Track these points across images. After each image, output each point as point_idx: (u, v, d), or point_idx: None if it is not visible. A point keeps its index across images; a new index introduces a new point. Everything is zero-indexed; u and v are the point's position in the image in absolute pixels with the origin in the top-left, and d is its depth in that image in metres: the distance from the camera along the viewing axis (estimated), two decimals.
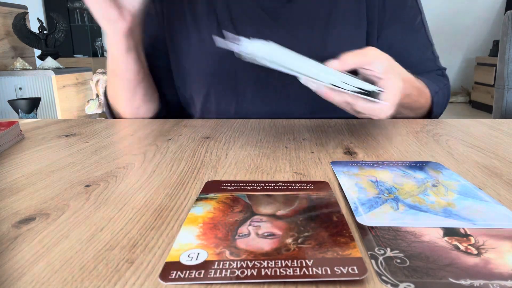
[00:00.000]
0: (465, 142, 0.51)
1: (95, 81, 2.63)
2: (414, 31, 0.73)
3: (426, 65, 0.75)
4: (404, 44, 0.72)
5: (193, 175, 0.39)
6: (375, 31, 0.71)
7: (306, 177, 0.38)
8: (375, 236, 0.26)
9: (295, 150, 0.47)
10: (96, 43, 4.27)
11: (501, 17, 4.81)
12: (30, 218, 0.29)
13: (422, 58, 0.74)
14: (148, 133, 0.57)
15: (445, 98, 0.73)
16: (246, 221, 0.28)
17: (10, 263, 0.24)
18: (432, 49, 0.75)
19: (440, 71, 0.76)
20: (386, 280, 0.21)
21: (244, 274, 0.22)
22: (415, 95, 0.63)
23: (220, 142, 0.51)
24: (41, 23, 2.64)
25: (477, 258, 0.23)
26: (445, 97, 0.73)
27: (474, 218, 0.29)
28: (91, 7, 0.56)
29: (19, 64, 2.46)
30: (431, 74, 0.74)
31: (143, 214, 0.30)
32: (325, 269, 0.22)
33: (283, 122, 0.63)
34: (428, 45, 0.75)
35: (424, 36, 0.74)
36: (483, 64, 4.52)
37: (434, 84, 0.70)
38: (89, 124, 0.65)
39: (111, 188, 0.35)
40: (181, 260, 0.23)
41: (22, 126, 0.62)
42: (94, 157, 0.45)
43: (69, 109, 2.57)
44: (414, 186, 0.35)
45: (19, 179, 0.38)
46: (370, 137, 0.54)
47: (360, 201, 0.32)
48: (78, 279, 0.22)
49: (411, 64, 0.72)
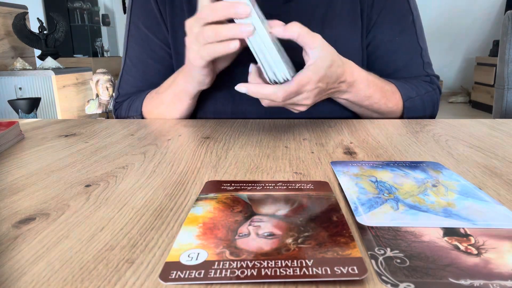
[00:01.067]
0: (465, 142, 0.51)
1: (95, 81, 2.63)
2: (403, 33, 0.71)
3: (412, 70, 0.72)
4: (391, 46, 0.71)
5: (193, 175, 0.39)
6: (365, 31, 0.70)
7: (306, 177, 0.38)
8: (375, 236, 0.26)
9: (295, 150, 0.47)
10: (96, 43, 4.27)
11: (501, 17, 4.81)
12: (30, 218, 0.29)
13: (409, 62, 0.72)
14: (148, 133, 0.57)
15: (426, 105, 0.70)
16: (246, 221, 0.28)
17: (10, 263, 0.24)
18: (422, 53, 0.73)
19: (428, 77, 0.73)
20: (386, 280, 0.21)
21: (244, 274, 0.22)
22: (378, 98, 0.63)
23: (220, 142, 0.51)
24: (41, 23, 2.64)
25: (477, 258, 0.23)
26: (426, 104, 0.70)
27: (474, 218, 0.29)
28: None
29: (19, 64, 2.46)
30: (417, 79, 0.72)
31: (143, 214, 0.30)
32: (325, 269, 0.22)
33: (283, 122, 0.63)
34: (417, 49, 0.72)
35: (413, 39, 0.72)
36: (483, 64, 4.52)
37: (411, 90, 0.68)
38: (89, 124, 0.65)
39: (111, 188, 0.35)
40: (181, 260, 0.23)
41: (22, 126, 0.62)
42: (94, 157, 0.45)
43: (69, 109, 2.57)
44: (414, 186, 0.35)
45: (19, 179, 0.38)
46: (370, 137, 0.54)
47: (360, 201, 0.32)
48: (78, 279, 0.22)
49: (397, 67, 0.72)
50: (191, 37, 0.52)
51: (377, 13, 0.70)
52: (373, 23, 0.70)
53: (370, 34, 0.71)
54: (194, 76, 0.59)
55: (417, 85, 0.70)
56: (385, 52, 0.72)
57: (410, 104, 0.68)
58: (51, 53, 2.67)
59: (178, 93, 0.65)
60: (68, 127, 0.63)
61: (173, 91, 0.65)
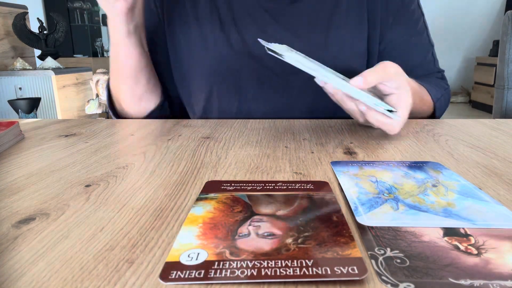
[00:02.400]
0: (465, 142, 0.51)
1: (95, 81, 2.63)
2: (417, 34, 0.74)
3: (426, 67, 0.75)
4: (407, 47, 0.73)
5: (193, 175, 0.39)
6: (377, 34, 0.71)
7: (306, 177, 0.38)
8: (375, 236, 0.26)
9: (295, 150, 0.47)
10: (96, 43, 4.27)
11: (501, 17, 4.81)
12: (30, 218, 0.29)
13: (424, 60, 0.75)
14: (148, 133, 0.57)
15: (446, 103, 0.74)
16: (246, 221, 0.28)
17: (10, 263, 0.24)
18: (433, 51, 0.76)
19: (439, 73, 0.76)
20: (386, 280, 0.21)
21: (244, 274, 0.22)
22: (418, 104, 0.64)
23: (220, 142, 0.51)
24: (41, 23, 2.64)
25: (477, 258, 0.23)
26: (447, 102, 0.74)
27: (474, 218, 0.29)
28: None
29: (19, 64, 2.46)
30: (431, 77, 0.75)
31: (143, 214, 0.30)
32: (325, 269, 0.22)
33: (283, 122, 0.63)
34: (429, 47, 0.75)
35: (426, 39, 0.75)
36: (483, 64, 4.52)
37: (436, 90, 0.70)
38: (89, 124, 0.65)
39: (111, 188, 0.35)
40: (181, 260, 0.23)
41: (22, 126, 0.62)
42: (94, 157, 0.45)
43: (69, 109, 2.57)
44: (414, 186, 0.35)
45: (19, 179, 0.38)
46: (370, 137, 0.54)
47: (360, 201, 0.32)
48: (78, 279, 0.22)
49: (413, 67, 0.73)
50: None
51: (393, 15, 0.71)
52: (389, 25, 0.71)
53: (386, 37, 0.72)
54: (118, 26, 0.61)
55: (437, 84, 0.73)
56: (402, 52, 0.73)
57: (439, 105, 0.71)
58: (51, 53, 2.67)
59: (116, 45, 0.65)
60: (68, 127, 0.63)
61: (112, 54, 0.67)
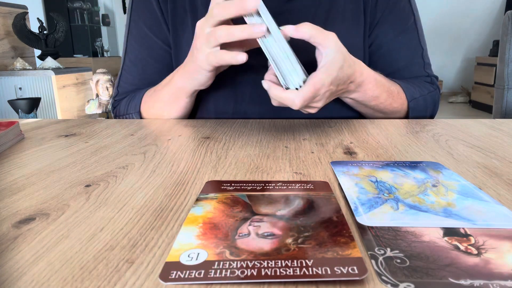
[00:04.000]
0: (465, 142, 0.51)
1: (95, 81, 2.64)
2: (405, 33, 0.72)
3: (413, 70, 0.73)
4: (393, 46, 0.72)
5: (193, 175, 0.39)
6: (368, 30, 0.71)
7: (306, 177, 0.38)
8: (375, 236, 0.26)
9: (295, 150, 0.47)
10: (96, 43, 4.27)
11: (501, 17, 4.81)
12: (30, 218, 0.29)
13: (411, 62, 0.73)
14: (148, 133, 0.57)
15: (428, 105, 0.71)
16: (246, 221, 0.28)
17: (10, 263, 0.24)
18: (423, 54, 0.74)
19: (429, 77, 0.74)
20: (386, 280, 0.21)
21: (244, 274, 0.22)
22: (385, 98, 0.63)
23: (220, 142, 0.51)
24: (41, 23, 2.64)
25: (477, 258, 0.23)
26: (428, 104, 0.71)
27: (474, 218, 0.29)
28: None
29: (19, 64, 2.46)
30: (418, 79, 0.73)
31: (143, 214, 0.30)
32: (325, 269, 0.22)
33: (283, 122, 0.63)
34: (418, 49, 0.73)
35: (415, 40, 0.73)
36: (483, 64, 4.52)
37: (414, 90, 0.69)
38: (89, 124, 0.65)
39: (111, 188, 0.35)
40: (181, 260, 0.23)
41: (22, 126, 0.62)
42: (94, 157, 0.45)
43: (69, 109, 2.57)
44: (414, 186, 0.35)
45: (19, 179, 0.38)
46: (370, 137, 0.54)
47: (360, 201, 0.32)
48: (78, 279, 0.22)
49: (398, 67, 0.73)
50: (202, 38, 0.51)
51: (381, 11, 0.70)
52: (376, 21, 0.70)
53: (373, 33, 0.71)
54: (196, 76, 0.58)
55: (419, 85, 0.71)
56: (387, 51, 0.72)
57: (414, 105, 0.69)
58: (51, 53, 2.67)
59: (176, 91, 0.64)
60: (68, 127, 0.63)
61: (171, 89, 0.65)
